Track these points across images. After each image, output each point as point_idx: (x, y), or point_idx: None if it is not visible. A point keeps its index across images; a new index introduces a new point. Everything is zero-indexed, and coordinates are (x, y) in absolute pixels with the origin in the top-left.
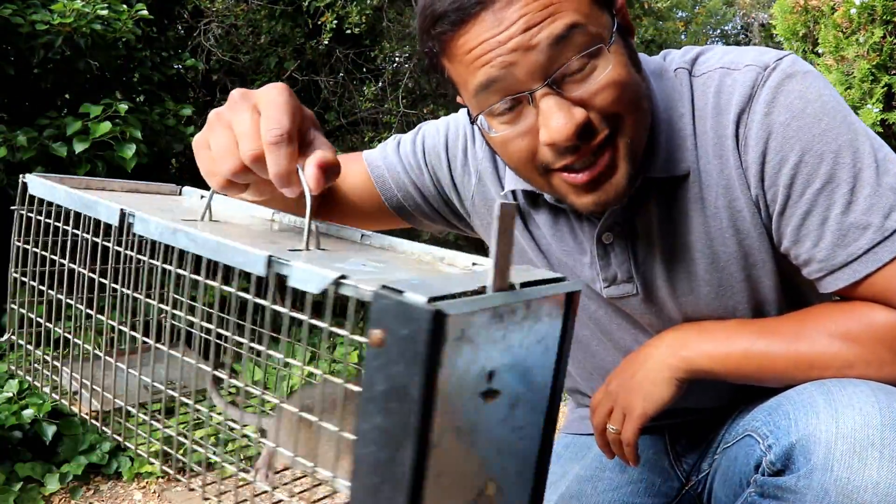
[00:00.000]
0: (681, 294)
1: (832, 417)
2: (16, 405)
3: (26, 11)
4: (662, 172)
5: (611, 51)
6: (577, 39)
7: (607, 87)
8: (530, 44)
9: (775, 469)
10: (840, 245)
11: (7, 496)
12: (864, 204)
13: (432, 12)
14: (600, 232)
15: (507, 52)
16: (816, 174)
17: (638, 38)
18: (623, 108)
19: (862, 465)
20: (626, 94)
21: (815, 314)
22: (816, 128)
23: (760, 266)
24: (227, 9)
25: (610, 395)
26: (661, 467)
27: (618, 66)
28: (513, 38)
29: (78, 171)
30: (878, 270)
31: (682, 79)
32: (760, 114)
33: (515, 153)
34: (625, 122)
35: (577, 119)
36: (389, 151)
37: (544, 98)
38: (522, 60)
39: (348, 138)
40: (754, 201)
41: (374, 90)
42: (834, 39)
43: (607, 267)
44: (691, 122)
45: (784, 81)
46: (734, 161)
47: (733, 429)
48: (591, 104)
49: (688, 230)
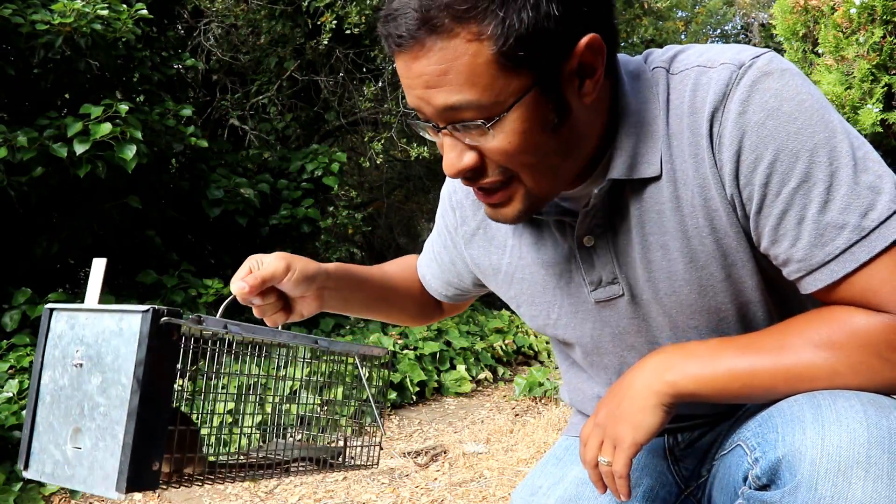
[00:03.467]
0: (663, 295)
1: (818, 434)
2: (16, 405)
3: (26, 11)
4: (626, 174)
5: (506, 119)
6: (470, 110)
7: (496, 152)
8: (429, 100)
9: (761, 483)
10: (817, 245)
11: (7, 496)
12: (841, 203)
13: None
14: (580, 235)
15: (417, 94)
16: (792, 173)
17: (638, 38)
18: (516, 167)
19: (847, 484)
20: (517, 158)
21: (796, 324)
22: (792, 126)
23: (741, 265)
24: (227, 9)
25: (599, 426)
26: (660, 472)
27: (510, 135)
28: (417, 87)
29: (78, 172)
30: (856, 270)
31: (659, 78)
32: (735, 112)
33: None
34: (520, 175)
35: (465, 163)
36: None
37: (444, 134)
38: (425, 107)
39: (348, 138)
40: (730, 200)
41: (374, 90)
42: (834, 39)
43: (591, 270)
44: (665, 122)
45: (760, 79)
46: (709, 160)
47: (729, 436)
48: (483, 154)
49: (664, 230)
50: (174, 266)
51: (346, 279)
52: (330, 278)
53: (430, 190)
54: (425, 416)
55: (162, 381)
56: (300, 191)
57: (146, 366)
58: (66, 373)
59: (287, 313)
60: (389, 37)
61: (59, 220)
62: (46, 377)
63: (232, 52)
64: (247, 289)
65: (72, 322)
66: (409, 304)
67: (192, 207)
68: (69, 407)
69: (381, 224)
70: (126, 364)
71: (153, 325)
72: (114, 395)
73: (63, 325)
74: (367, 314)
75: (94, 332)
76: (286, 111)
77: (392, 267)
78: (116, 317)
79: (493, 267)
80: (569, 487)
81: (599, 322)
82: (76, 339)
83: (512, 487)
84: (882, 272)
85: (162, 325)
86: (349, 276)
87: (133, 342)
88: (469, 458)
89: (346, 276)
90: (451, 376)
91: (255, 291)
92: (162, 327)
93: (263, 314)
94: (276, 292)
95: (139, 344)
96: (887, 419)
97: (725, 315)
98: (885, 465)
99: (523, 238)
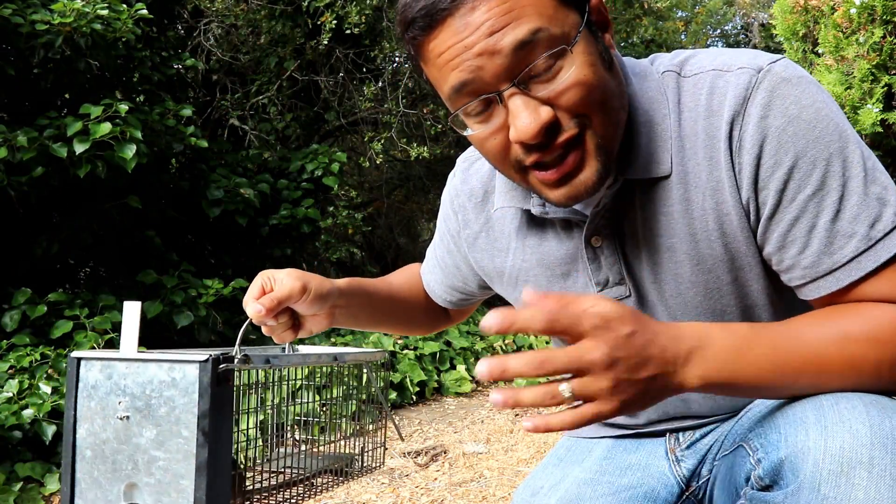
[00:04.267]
0: (669, 296)
1: (821, 434)
2: (16, 405)
3: (26, 11)
4: (641, 174)
5: (575, 51)
6: (541, 42)
7: (572, 87)
8: (495, 48)
9: (764, 484)
10: (826, 253)
11: (7, 496)
12: (852, 213)
13: (404, 17)
14: (588, 235)
15: (474, 57)
16: (808, 180)
17: (638, 38)
18: (589, 107)
19: (849, 485)
20: (592, 93)
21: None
22: (811, 134)
23: (748, 269)
24: (227, 9)
25: (607, 359)
26: (661, 472)
27: (583, 66)
28: (478, 43)
29: (78, 172)
30: (861, 280)
31: (669, 81)
32: (756, 117)
33: (490, 151)
34: (592, 120)
35: (543, 118)
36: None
37: (512, 98)
38: (488, 64)
39: (348, 138)
40: (744, 205)
41: (373, 90)
42: (834, 39)
43: (598, 270)
44: (677, 123)
45: (779, 85)
46: (725, 163)
47: (731, 435)
48: (557, 103)
49: (672, 232)
50: (174, 266)
51: (355, 296)
52: (342, 296)
53: (430, 190)
54: (425, 416)
55: (223, 429)
56: (300, 191)
57: (211, 418)
58: (109, 425)
59: (296, 331)
60: (428, 14)
61: (59, 220)
62: (83, 430)
63: (232, 52)
64: (263, 311)
65: (108, 371)
66: (416, 315)
67: (192, 207)
68: (118, 462)
69: (381, 224)
70: (186, 416)
71: (213, 373)
72: (174, 448)
73: (97, 375)
74: (376, 328)
75: (138, 383)
76: (286, 111)
77: (397, 278)
78: (165, 366)
79: (497, 270)
80: (570, 488)
81: None
82: (116, 389)
83: (512, 487)
84: (885, 283)
85: (220, 374)
86: (359, 293)
87: (192, 392)
88: (469, 458)
89: (356, 293)
90: (451, 376)
91: (271, 314)
92: (220, 375)
93: (272, 333)
94: (288, 312)
95: (200, 395)
96: (890, 420)
97: (730, 318)
98: (888, 466)
99: (527, 240)
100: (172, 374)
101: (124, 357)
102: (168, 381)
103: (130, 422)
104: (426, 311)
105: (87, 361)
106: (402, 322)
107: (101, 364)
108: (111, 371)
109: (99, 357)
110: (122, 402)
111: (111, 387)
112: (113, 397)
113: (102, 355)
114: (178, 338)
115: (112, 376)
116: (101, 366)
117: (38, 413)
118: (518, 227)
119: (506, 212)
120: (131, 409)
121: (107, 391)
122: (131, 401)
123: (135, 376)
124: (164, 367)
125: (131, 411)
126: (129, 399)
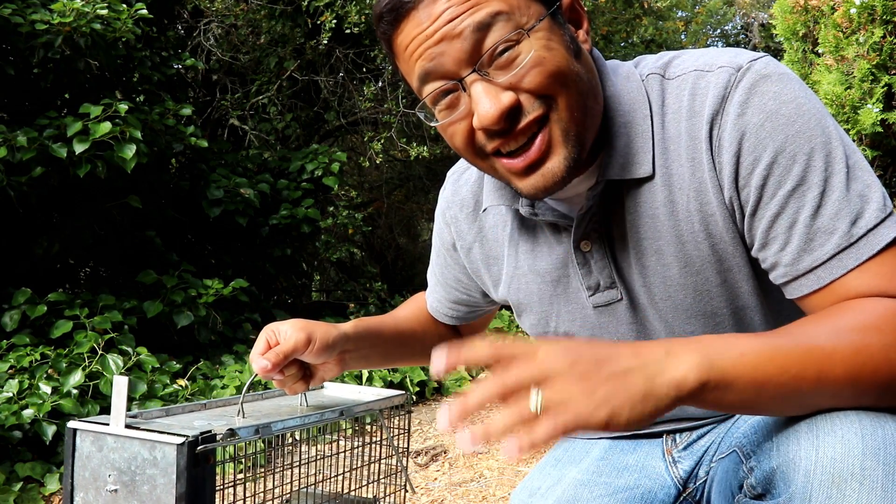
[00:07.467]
0: (659, 299)
1: (812, 444)
2: (16, 405)
3: (26, 11)
4: (620, 174)
5: (533, 36)
6: (500, 26)
7: (532, 69)
8: (454, 32)
9: (756, 493)
10: (806, 250)
11: (7, 496)
12: (833, 209)
13: (375, 15)
14: (577, 240)
15: (435, 44)
16: (788, 175)
17: (638, 38)
18: (551, 87)
19: (841, 496)
20: (553, 74)
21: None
22: (790, 129)
23: (736, 270)
24: (227, 9)
25: (576, 367)
26: (658, 474)
27: (541, 49)
28: (439, 30)
29: (78, 172)
30: (842, 276)
31: (654, 84)
32: (734, 115)
33: (456, 138)
34: (557, 102)
35: (504, 103)
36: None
37: (473, 84)
38: (449, 49)
39: (348, 138)
40: (728, 205)
41: (373, 90)
42: (834, 39)
43: (589, 274)
44: (661, 125)
45: (758, 82)
46: (707, 163)
47: (727, 438)
48: (519, 87)
49: (659, 234)
50: (174, 266)
51: (363, 338)
52: (349, 340)
53: (430, 190)
54: (425, 416)
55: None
56: (300, 191)
57: (187, 500)
58: (101, 497)
59: (307, 381)
60: (393, 9)
61: (59, 220)
62: (79, 499)
63: (232, 52)
64: (269, 366)
65: (99, 444)
66: (428, 342)
67: (192, 207)
68: None
69: (381, 224)
70: (165, 496)
71: (189, 456)
72: None
73: (89, 447)
74: (389, 364)
75: (124, 458)
76: (286, 111)
77: (403, 311)
78: (147, 445)
79: (493, 279)
80: (567, 489)
81: (598, 329)
82: (106, 462)
83: (512, 487)
84: (871, 277)
85: (199, 455)
86: (366, 335)
87: (171, 474)
88: (469, 458)
89: (364, 335)
90: (450, 376)
91: (277, 368)
92: (199, 456)
93: (284, 385)
94: (297, 363)
95: (178, 477)
96: (882, 430)
97: (721, 320)
98: (880, 476)
99: (519, 246)
100: (154, 452)
101: (112, 432)
102: (150, 459)
103: (118, 495)
104: (437, 337)
105: (82, 433)
106: (416, 354)
107: (92, 436)
108: (101, 443)
109: (91, 430)
110: (112, 476)
111: (101, 459)
112: (104, 469)
113: (94, 428)
114: (178, 338)
115: (102, 448)
116: (92, 438)
117: (38, 413)
118: (510, 235)
119: (497, 220)
120: (119, 483)
121: (98, 463)
122: (118, 475)
123: (121, 451)
124: (146, 446)
125: (119, 485)
126: (117, 473)
